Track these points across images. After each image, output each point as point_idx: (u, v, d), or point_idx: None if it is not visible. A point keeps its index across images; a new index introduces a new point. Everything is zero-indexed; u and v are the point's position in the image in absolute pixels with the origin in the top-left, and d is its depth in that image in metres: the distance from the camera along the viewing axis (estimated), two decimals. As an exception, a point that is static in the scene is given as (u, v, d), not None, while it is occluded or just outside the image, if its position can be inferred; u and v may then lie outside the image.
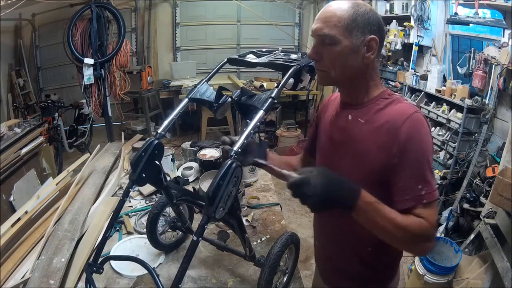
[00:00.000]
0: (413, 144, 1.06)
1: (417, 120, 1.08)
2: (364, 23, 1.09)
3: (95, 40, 4.43)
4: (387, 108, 1.14)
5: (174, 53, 7.02)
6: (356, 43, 1.10)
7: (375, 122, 1.14)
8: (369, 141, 1.13)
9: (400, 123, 1.08)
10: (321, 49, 1.14)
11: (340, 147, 1.23)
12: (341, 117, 1.24)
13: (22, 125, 3.75)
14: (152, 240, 1.88)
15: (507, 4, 2.90)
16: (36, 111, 5.57)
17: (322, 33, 1.11)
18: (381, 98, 1.17)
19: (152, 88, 6.16)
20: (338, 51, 1.10)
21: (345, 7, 1.10)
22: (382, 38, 1.15)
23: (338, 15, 1.09)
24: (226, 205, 1.13)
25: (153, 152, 1.46)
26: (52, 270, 1.66)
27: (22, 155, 3.34)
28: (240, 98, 1.41)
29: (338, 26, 1.09)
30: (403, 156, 1.07)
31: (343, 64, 1.13)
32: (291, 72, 1.35)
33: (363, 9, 1.11)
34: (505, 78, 2.99)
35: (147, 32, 6.74)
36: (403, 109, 1.11)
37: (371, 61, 1.13)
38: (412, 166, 1.07)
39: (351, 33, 1.09)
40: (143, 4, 6.63)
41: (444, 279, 2.68)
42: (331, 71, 1.15)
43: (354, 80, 1.17)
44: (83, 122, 5.64)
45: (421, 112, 1.12)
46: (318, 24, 1.13)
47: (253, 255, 1.64)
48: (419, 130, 1.07)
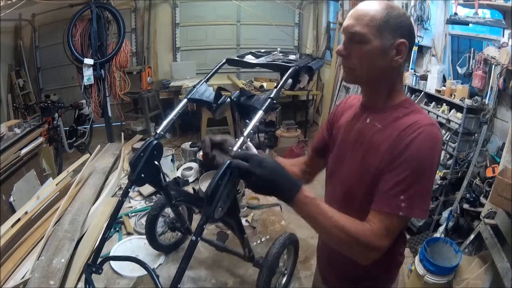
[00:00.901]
0: (412, 153, 1.04)
1: (427, 132, 1.06)
2: (396, 26, 1.09)
3: (95, 40, 4.43)
4: (404, 118, 1.12)
5: (174, 53, 7.02)
6: (386, 45, 1.09)
7: (390, 129, 1.12)
8: (379, 146, 1.13)
9: (409, 132, 1.06)
10: (350, 46, 1.13)
11: (353, 148, 1.23)
12: (359, 119, 1.24)
13: (22, 125, 3.75)
14: (151, 241, 1.87)
15: (507, 4, 2.90)
16: (36, 111, 5.57)
17: (353, 30, 1.10)
18: (401, 107, 1.16)
19: (152, 89, 6.16)
20: (367, 50, 1.10)
21: (379, 7, 1.10)
22: (411, 44, 1.14)
23: (371, 14, 1.09)
24: (225, 205, 1.13)
25: (152, 153, 1.45)
26: (52, 271, 1.66)
27: (22, 155, 3.34)
28: (239, 99, 1.41)
29: (370, 26, 1.08)
30: (397, 160, 1.06)
31: (370, 64, 1.12)
32: (289, 73, 1.35)
33: (397, 12, 1.11)
34: (505, 78, 2.99)
35: (147, 32, 6.74)
36: (418, 118, 1.09)
37: (398, 65, 1.13)
38: (401, 174, 1.05)
39: (382, 34, 1.08)
40: (143, 5, 6.63)
41: (444, 279, 2.67)
42: (358, 69, 1.14)
43: (379, 82, 1.17)
44: (83, 122, 5.64)
45: (438, 127, 1.09)
46: (350, 21, 1.12)
47: (252, 256, 1.63)
48: (424, 142, 1.05)
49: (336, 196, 1.31)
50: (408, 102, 1.18)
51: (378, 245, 1.05)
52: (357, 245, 1.05)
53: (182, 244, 2.02)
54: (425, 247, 2.76)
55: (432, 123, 1.08)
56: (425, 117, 1.12)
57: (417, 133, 1.05)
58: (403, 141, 1.05)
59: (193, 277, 1.77)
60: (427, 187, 1.07)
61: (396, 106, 1.16)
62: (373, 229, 1.04)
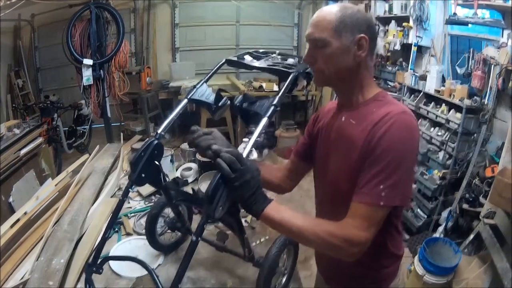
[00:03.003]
0: (386, 142, 1.05)
1: (399, 121, 1.07)
2: (353, 23, 1.14)
3: (94, 41, 4.42)
4: (377, 111, 1.14)
5: (173, 53, 7.01)
6: (346, 43, 1.14)
7: (364, 123, 1.14)
8: (355, 141, 1.14)
9: (381, 124, 1.08)
10: (314, 52, 1.18)
11: (333, 146, 1.25)
12: (336, 118, 1.27)
13: (21, 126, 3.74)
14: (151, 241, 1.88)
15: (506, 4, 2.90)
16: (35, 112, 5.56)
17: (313, 37, 1.17)
18: (375, 100, 1.19)
19: (151, 89, 6.14)
20: (330, 53, 1.15)
21: (333, 10, 1.16)
22: (372, 36, 1.18)
23: (327, 19, 1.15)
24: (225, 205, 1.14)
25: (152, 152, 1.46)
26: (52, 271, 1.66)
27: (21, 156, 3.34)
28: (242, 104, 1.42)
29: (327, 29, 1.14)
30: (373, 152, 1.07)
31: (335, 64, 1.16)
32: (290, 80, 1.38)
33: (351, 11, 1.15)
34: (504, 78, 2.99)
35: (146, 32, 6.73)
36: (390, 110, 1.11)
37: (362, 59, 1.16)
38: (379, 165, 1.05)
39: (340, 34, 1.13)
40: (142, 5, 6.62)
41: (443, 279, 2.68)
42: (325, 72, 1.18)
43: (348, 80, 1.20)
44: (82, 123, 5.63)
45: (410, 115, 1.11)
46: (310, 29, 1.19)
47: (252, 256, 1.64)
48: (397, 130, 1.06)
49: (326, 197, 1.33)
50: (381, 95, 1.21)
51: (359, 237, 1.03)
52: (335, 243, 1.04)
53: (182, 244, 2.02)
54: (425, 247, 2.76)
55: (404, 111, 1.11)
56: (397, 106, 1.14)
57: (390, 124, 1.06)
58: (377, 134, 1.07)
59: (193, 277, 1.77)
60: (407, 175, 1.08)
61: (369, 101, 1.19)
62: (354, 223, 1.05)
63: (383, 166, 1.05)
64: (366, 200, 1.06)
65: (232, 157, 1.03)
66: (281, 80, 1.43)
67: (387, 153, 1.05)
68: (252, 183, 1.04)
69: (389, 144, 1.05)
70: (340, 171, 1.20)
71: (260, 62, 1.60)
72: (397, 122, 1.07)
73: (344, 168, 1.17)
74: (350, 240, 1.03)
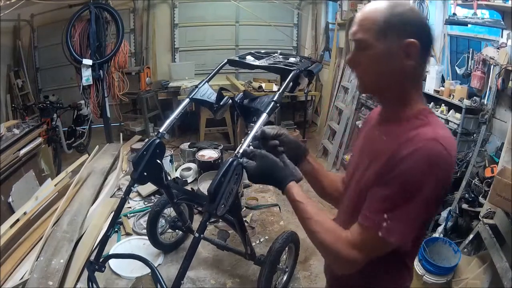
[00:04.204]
0: (405, 169, 0.93)
1: (426, 148, 0.92)
2: (401, 25, 0.98)
3: (93, 41, 4.42)
4: (412, 130, 0.99)
5: (172, 54, 7.01)
6: (391, 47, 0.98)
7: (392, 142, 1.01)
8: (379, 157, 1.02)
9: (407, 146, 0.95)
10: (357, 55, 1.04)
11: (361, 157, 1.16)
12: (373, 130, 1.16)
13: (20, 126, 3.74)
14: (152, 239, 1.88)
15: (506, 4, 2.91)
16: (34, 112, 5.55)
17: (356, 37, 1.03)
18: (415, 118, 1.03)
19: (151, 89, 6.15)
20: (371, 57, 1.01)
21: (380, 7, 1.00)
22: (425, 43, 1.00)
23: (371, 17, 1.00)
24: (227, 202, 1.15)
25: (154, 151, 1.47)
26: (51, 271, 1.66)
27: (20, 156, 3.33)
28: (243, 101, 1.43)
29: (371, 30, 0.99)
30: (388, 174, 0.96)
31: (376, 72, 1.03)
32: (291, 77, 1.37)
33: (400, 9, 0.99)
34: (503, 78, 2.99)
35: (145, 33, 6.73)
36: (422, 132, 0.96)
37: (410, 69, 1.00)
38: (389, 189, 0.95)
39: (385, 36, 0.98)
40: (141, 5, 6.62)
41: (443, 279, 2.68)
42: (365, 78, 1.07)
43: (390, 91, 1.05)
44: (82, 123, 5.63)
45: (443, 144, 0.93)
46: (353, 28, 1.04)
47: (253, 254, 1.64)
48: (419, 159, 0.92)
49: (344, 208, 1.25)
50: (424, 113, 1.03)
51: (349, 256, 0.99)
52: (330, 250, 1.03)
53: (183, 243, 2.03)
54: (424, 247, 2.77)
55: (435, 138, 0.93)
56: (432, 130, 0.97)
57: (414, 149, 0.93)
58: (399, 155, 0.94)
59: (192, 277, 1.77)
60: (418, 213, 0.94)
61: (409, 118, 1.03)
62: (349, 239, 1.00)
63: (393, 193, 0.94)
64: (365, 223, 0.98)
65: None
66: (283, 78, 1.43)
67: (401, 180, 0.94)
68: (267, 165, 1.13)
69: (406, 170, 0.93)
70: (359, 187, 1.10)
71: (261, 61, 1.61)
72: (421, 149, 0.92)
73: (363, 184, 1.07)
74: (339, 253, 1.01)
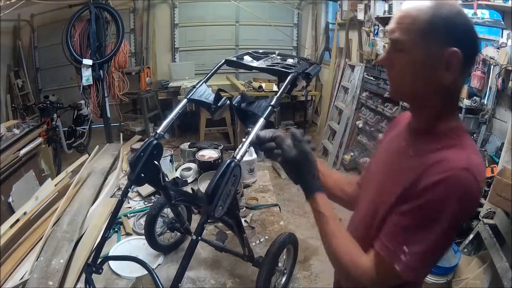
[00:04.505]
0: (431, 201, 0.84)
1: (456, 179, 0.83)
2: (446, 30, 0.86)
3: (93, 41, 4.42)
4: (441, 151, 0.90)
5: (172, 54, 7.02)
6: (431, 55, 0.87)
7: (419, 161, 0.91)
8: (402, 177, 0.93)
9: (434, 171, 0.85)
10: (393, 55, 0.94)
11: (382, 170, 1.08)
12: (398, 139, 1.07)
13: (20, 126, 3.74)
14: (150, 242, 1.87)
15: (506, 4, 2.91)
16: (34, 112, 5.57)
17: (393, 37, 0.92)
18: (446, 136, 0.93)
19: (151, 89, 6.16)
20: (407, 61, 0.91)
21: (424, 6, 0.88)
22: (470, 53, 0.89)
23: (413, 15, 0.89)
24: (225, 204, 1.14)
25: (152, 152, 1.46)
26: (51, 271, 1.66)
27: (20, 156, 3.33)
28: (240, 104, 1.42)
29: (411, 30, 0.88)
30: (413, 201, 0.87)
31: (410, 78, 0.92)
32: (289, 80, 1.37)
33: (447, 11, 0.86)
34: (503, 78, 2.99)
35: (145, 33, 6.74)
36: (452, 157, 0.87)
37: (447, 82, 0.89)
38: (413, 218, 0.88)
39: (426, 40, 0.87)
40: (141, 5, 6.63)
41: (443, 279, 2.68)
42: (397, 83, 0.97)
43: (422, 101, 0.95)
44: (82, 123, 5.64)
45: (472, 173, 0.84)
46: (391, 25, 0.94)
47: (252, 256, 1.64)
48: (448, 191, 0.83)
49: (355, 218, 1.18)
50: (457, 132, 0.94)
51: (361, 279, 0.96)
52: (344, 269, 1.00)
53: (182, 244, 2.02)
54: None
55: (467, 168, 0.84)
56: (464, 156, 0.87)
57: (443, 177, 0.83)
58: (425, 181, 0.85)
59: (192, 277, 1.77)
60: (438, 246, 0.88)
61: (440, 134, 0.94)
62: (365, 265, 0.95)
63: (416, 225, 0.87)
64: (383, 253, 0.92)
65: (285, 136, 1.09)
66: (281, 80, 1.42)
67: (426, 212, 0.85)
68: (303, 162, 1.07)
69: (432, 202, 0.84)
70: (378, 200, 1.02)
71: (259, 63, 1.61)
72: (452, 179, 0.83)
73: (382, 199, 1.00)
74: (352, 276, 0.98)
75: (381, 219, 0.98)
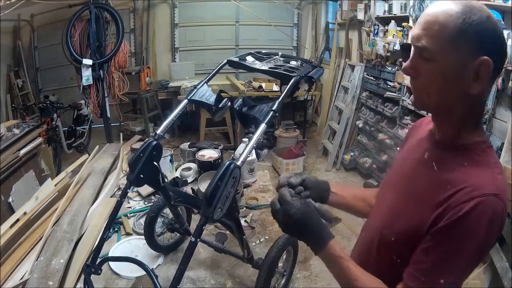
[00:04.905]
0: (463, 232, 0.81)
1: (487, 207, 0.80)
2: (477, 37, 0.80)
3: (93, 41, 4.42)
4: (467, 169, 0.86)
5: (172, 54, 7.01)
6: (460, 64, 0.82)
7: (445, 179, 0.87)
8: (425, 195, 0.90)
9: (464, 198, 0.81)
10: (418, 63, 0.88)
11: (401, 182, 1.03)
12: (420, 148, 1.01)
13: (20, 126, 3.74)
14: (150, 243, 1.88)
15: (506, 4, 2.90)
16: (34, 112, 5.56)
17: (420, 44, 0.85)
18: (471, 151, 0.89)
19: (151, 89, 6.15)
20: (435, 71, 0.85)
21: (453, 11, 0.82)
22: (499, 61, 0.84)
23: (441, 21, 0.82)
24: (224, 206, 1.14)
25: (151, 153, 1.46)
26: (51, 271, 1.66)
27: (20, 156, 3.33)
28: (242, 108, 1.42)
29: (439, 38, 0.82)
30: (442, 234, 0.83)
31: (437, 89, 0.86)
32: (292, 83, 1.37)
33: (478, 17, 0.81)
34: (503, 78, 2.99)
35: (145, 33, 6.74)
36: (482, 184, 0.83)
37: (476, 92, 0.84)
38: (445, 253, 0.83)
39: (456, 49, 0.81)
40: (141, 5, 6.62)
41: (443, 279, 2.67)
42: (424, 94, 0.90)
43: (449, 112, 0.90)
44: (82, 123, 5.64)
45: (502, 198, 0.82)
46: (416, 31, 0.87)
47: (251, 257, 1.64)
48: (480, 220, 0.80)
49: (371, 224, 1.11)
50: (482, 147, 0.90)
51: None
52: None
53: (181, 244, 2.03)
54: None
55: (497, 193, 0.81)
56: (492, 179, 0.84)
57: (474, 204, 0.80)
58: (456, 209, 0.81)
59: (192, 277, 1.77)
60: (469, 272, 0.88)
61: (466, 148, 0.90)
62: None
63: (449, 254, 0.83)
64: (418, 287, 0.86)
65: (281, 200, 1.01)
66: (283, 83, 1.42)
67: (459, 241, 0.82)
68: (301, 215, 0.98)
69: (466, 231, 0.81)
70: (391, 215, 0.99)
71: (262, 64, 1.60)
72: (483, 205, 0.80)
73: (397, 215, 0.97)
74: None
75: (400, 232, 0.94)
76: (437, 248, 0.84)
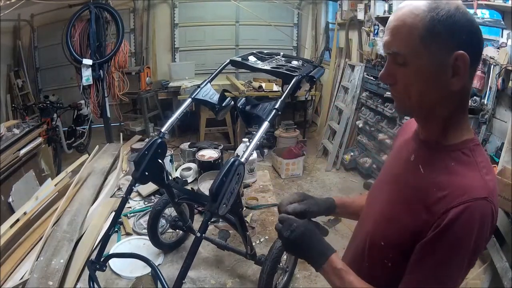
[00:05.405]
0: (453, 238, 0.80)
1: (476, 211, 0.79)
2: (448, 31, 0.78)
3: (93, 41, 4.42)
4: (457, 170, 0.85)
5: (172, 54, 7.02)
6: (436, 62, 0.81)
7: (432, 182, 0.86)
8: (412, 199, 0.89)
9: (453, 202, 0.80)
10: (393, 69, 0.86)
11: (388, 188, 1.02)
12: (407, 150, 0.99)
13: (20, 126, 3.74)
14: (153, 239, 1.88)
15: (506, 4, 2.91)
16: (34, 112, 5.57)
17: (391, 50, 0.85)
18: (459, 150, 0.87)
19: (151, 89, 6.16)
20: (411, 75, 0.84)
21: (419, 10, 0.80)
22: (475, 52, 0.82)
23: (408, 24, 0.80)
24: (229, 202, 1.15)
25: (156, 151, 1.48)
26: (51, 271, 1.66)
27: (20, 156, 3.33)
28: (245, 107, 1.43)
29: (409, 40, 0.81)
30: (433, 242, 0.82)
31: (418, 91, 0.85)
32: (293, 83, 1.38)
33: (445, 11, 0.78)
34: (503, 78, 3.00)
35: (145, 32, 6.75)
36: (469, 185, 0.81)
37: (457, 88, 0.82)
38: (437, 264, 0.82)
39: (429, 48, 0.80)
40: (141, 5, 6.64)
41: (443, 279, 2.67)
42: (405, 99, 0.88)
43: (432, 112, 0.88)
44: (82, 123, 5.65)
45: (491, 200, 0.81)
46: (386, 37, 0.85)
47: (254, 254, 1.64)
48: (469, 225, 0.79)
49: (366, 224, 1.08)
50: (470, 146, 0.88)
51: None
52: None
53: (183, 243, 2.03)
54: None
55: (486, 197, 0.80)
56: (480, 182, 0.83)
57: (461, 211, 0.78)
58: (441, 216, 0.80)
59: (192, 277, 1.77)
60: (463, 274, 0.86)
61: (453, 147, 0.88)
62: None
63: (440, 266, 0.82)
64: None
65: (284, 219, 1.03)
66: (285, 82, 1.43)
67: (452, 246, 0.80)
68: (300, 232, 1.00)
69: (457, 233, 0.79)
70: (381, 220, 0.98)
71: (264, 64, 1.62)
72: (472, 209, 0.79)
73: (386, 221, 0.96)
74: None
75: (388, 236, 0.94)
76: (428, 260, 0.83)
